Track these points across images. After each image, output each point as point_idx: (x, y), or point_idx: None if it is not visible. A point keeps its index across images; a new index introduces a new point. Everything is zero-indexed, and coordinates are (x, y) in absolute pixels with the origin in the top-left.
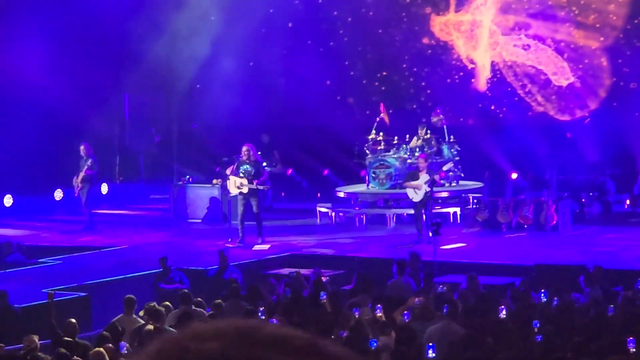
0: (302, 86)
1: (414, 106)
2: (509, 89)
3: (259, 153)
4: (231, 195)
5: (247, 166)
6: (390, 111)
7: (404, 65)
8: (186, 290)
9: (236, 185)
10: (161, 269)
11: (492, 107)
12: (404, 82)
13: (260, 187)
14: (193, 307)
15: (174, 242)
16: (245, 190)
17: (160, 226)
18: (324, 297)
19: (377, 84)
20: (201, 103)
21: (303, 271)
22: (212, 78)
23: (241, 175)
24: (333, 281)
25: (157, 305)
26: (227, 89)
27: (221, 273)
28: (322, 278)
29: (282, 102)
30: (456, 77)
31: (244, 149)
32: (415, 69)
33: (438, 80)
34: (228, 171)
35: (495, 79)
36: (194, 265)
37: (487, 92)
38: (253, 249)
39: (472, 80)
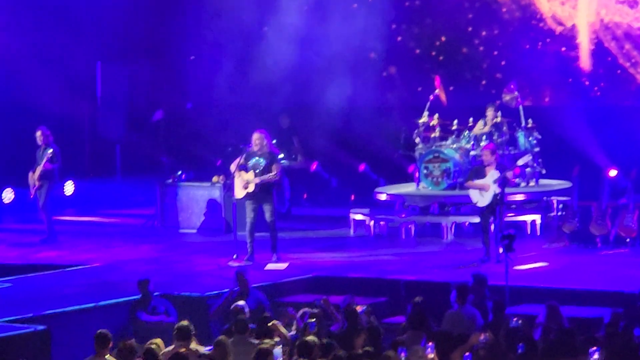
0: (330, 54)
1: (483, 82)
2: (609, 59)
3: (274, 142)
4: (237, 198)
5: (259, 159)
6: (451, 88)
7: (469, 28)
8: (186, 323)
9: (242, 184)
10: (141, 295)
11: (587, 83)
12: (467, 49)
13: (267, 177)
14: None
15: (161, 260)
16: (251, 188)
17: (143, 238)
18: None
19: (433, 53)
20: (197, 76)
21: (332, 298)
22: (209, 44)
23: (249, 170)
24: (372, 312)
25: (135, 343)
26: (230, 58)
27: (241, 300)
28: (357, 308)
29: (305, 75)
30: (539, 43)
31: (255, 136)
32: (483, 33)
33: (513, 46)
34: (233, 167)
35: (591, 46)
36: (187, 289)
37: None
38: (266, 268)
39: (562, 49)
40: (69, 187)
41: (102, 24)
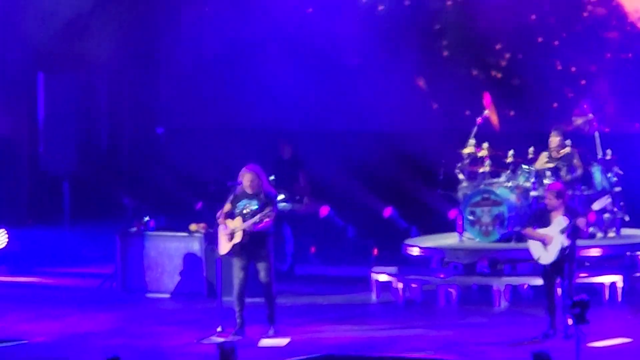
0: (347, 65)
1: (555, 105)
2: None
3: (272, 179)
4: (222, 253)
5: (250, 201)
6: (512, 113)
7: (539, 39)
8: None
9: (227, 236)
10: None
11: None
12: (531, 60)
13: (257, 219)
14: None
15: (122, 333)
16: (238, 237)
17: (99, 304)
18: None
19: (493, 73)
20: (170, 92)
21: None
22: (186, 51)
23: (236, 216)
24: None
25: None
26: (213, 68)
27: None
28: None
29: (314, 92)
30: (628, 53)
31: (246, 176)
32: (556, 43)
33: (591, 55)
34: (220, 217)
35: None
36: None
37: None
38: (260, 345)
39: None
40: (1, 238)
41: (47, 24)
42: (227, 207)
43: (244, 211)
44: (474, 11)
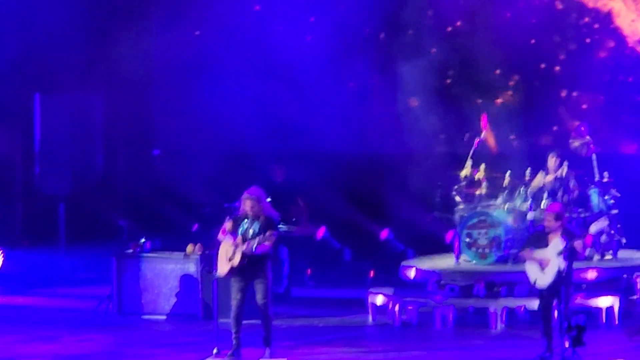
0: (345, 88)
1: (555, 128)
2: None
3: (269, 200)
4: (219, 275)
5: (253, 224)
6: (513, 137)
7: (542, 65)
8: None
9: (227, 256)
10: None
11: None
12: (531, 83)
13: (258, 243)
14: None
15: (118, 355)
16: (237, 259)
17: (94, 327)
18: None
19: (492, 97)
20: (166, 114)
21: None
22: (184, 71)
23: (238, 236)
24: None
25: None
26: (209, 89)
27: None
28: None
29: (309, 114)
30: (627, 76)
31: (247, 202)
32: (557, 68)
33: (590, 78)
34: (222, 235)
35: None
36: None
37: None
38: None
39: None
40: None
41: (42, 42)
42: (229, 225)
43: (245, 233)
44: (474, 35)
